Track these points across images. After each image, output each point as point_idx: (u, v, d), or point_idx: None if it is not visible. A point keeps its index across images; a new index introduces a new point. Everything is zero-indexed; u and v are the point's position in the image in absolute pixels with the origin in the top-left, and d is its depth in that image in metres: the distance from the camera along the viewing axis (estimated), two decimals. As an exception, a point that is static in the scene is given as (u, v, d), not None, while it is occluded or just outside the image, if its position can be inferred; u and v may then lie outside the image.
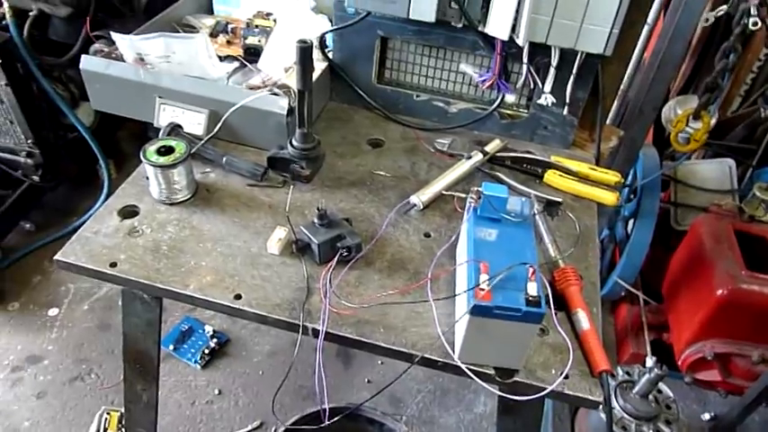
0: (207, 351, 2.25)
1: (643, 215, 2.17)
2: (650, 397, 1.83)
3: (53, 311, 2.40)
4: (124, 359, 1.29)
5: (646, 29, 1.90)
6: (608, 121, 2.01)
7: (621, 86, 2.00)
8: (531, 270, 0.86)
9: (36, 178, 2.52)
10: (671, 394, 1.90)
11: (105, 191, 2.60)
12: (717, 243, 1.99)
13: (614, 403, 1.83)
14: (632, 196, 2.29)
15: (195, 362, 2.23)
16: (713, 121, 2.21)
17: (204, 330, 2.33)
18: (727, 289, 1.84)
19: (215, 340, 2.29)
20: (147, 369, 1.30)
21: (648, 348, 2.25)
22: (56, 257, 1.06)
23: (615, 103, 2.05)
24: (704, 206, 2.20)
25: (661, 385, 1.88)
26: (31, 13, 2.24)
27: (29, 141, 2.40)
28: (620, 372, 1.93)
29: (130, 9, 2.51)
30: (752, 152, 2.38)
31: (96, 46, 2.23)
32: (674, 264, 2.23)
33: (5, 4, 2.15)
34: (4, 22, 2.18)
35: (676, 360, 2.08)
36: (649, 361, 2.08)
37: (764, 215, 2.06)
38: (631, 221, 2.29)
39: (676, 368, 2.08)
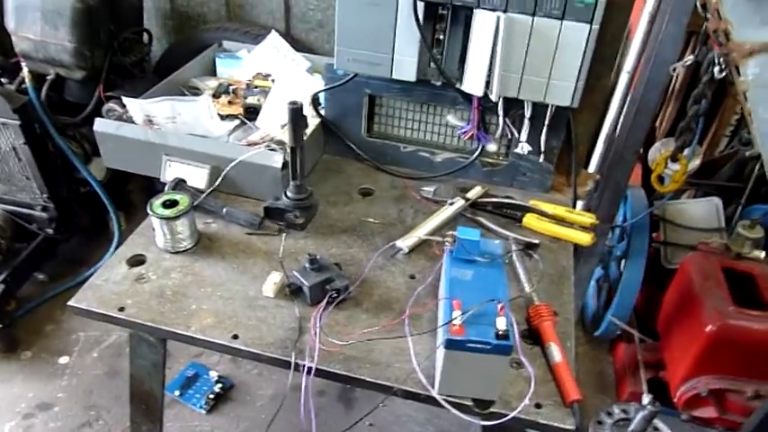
0: (212, 396, 2.29)
1: (633, 254, 2.23)
2: (646, 434, 1.85)
3: (64, 359, 2.46)
4: (131, 400, 1.36)
5: (626, 77, 2.02)
6: (592, 166, 2.11)
7: (607, 132, 2.11)
8: (500, 306, 0.94)
9: (50, 231, 2.62)
10: (668, 431, 1.92)
11: (116, 241, 2.71)
12: (705, 280, 2.04)
13: (611, 442, 1.85)
14: (624, 237, 2.36)
15: (200, 407, 2.27)
16: (696, 163, 2.31)
17: (209, 376, 2.37)
18: (717, 325, 1.88)
19: (219, 385, 2.33)
20: (151, 409, 1.37)
21: (645, 386, 2.27)
22: (69, 303, 1.15)
23: (601, 147, 2.15)
24: (693, 245, 2.26)
25: (657, 423, 1.90)
26: (48, 77, 2.38)
27: (44, 196, 2.52)
28: (617, 410, 1.96)
29: (141, 71, 2.66)
30: (740, 190, 2.46)
31: (109, 105, 2.39)
32: (666, 302, 2.27)
33: (25, 69, 2.31)
34: (23, 86, 2.33)
35: (672, 397, 2.10)
36: (645, 398, 2.10)
37: (750, 252, 2.11)
38: (624, 261, 2.36)
39: (674, 406, 2.10)
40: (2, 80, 2.34)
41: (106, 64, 2.40)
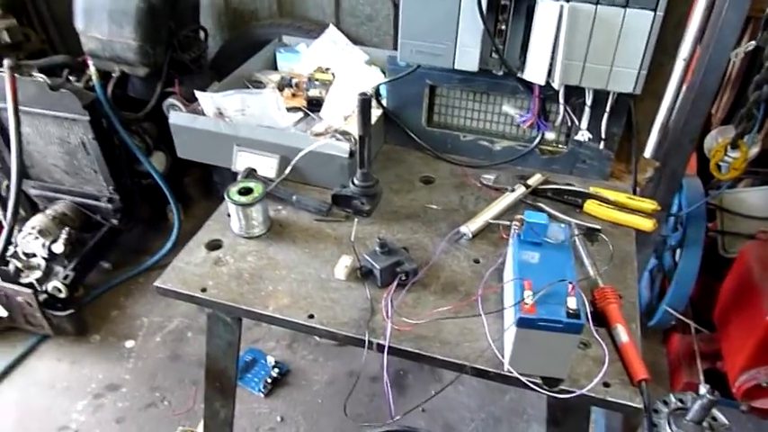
0: (269, 380, 2.38)
1: (689, 244, 2.21)
2: (704, 423, 1.83)
3: (129, 343, 2.59)
4: (206, 378, 1.44)
5: (682, 64, 2.00)
6: (649, 153, 2.09)
7: (662, 119, 2.09)
8: (570, 286, 0.97)
9: (115, 221, 2.75)
10: (726, 421, 1.89)
11: (176, 231, 2.83)
12: (765, 269, 2.01)
13: (667, 430, 1.85)
14: (679, 226, 2.34)
15: (259, 390, 2.35)
16: (754, 150, 2.26)
17: (266, 361, 2.46)
18: (778, 314, 1.86)
19: (276, 370, 2.42)
20: (225, 387, 1.44)
21: (701, 377, 2.25)
22: (155, 284, 1.23)
23: (656, 135, 2.13)
24: (751, 233, 2.23)
25: (715, 412, 1.89)
26: (113, 75, 2.50)
27: (110, 188, 2.65)
28: (673, 399, 1.95)
29: (198, 67, 2.76)
30: (801, 180, 2.40)
31: (169, 101, 2.50)
32: (723, 291, 2.24)
33: (92, 68, 2.42)
34: (90, 83, 2.45)
35: (731, 388, 2.08)
36: (702, 388, 2.08)
37: (813, 241, 2.07)
38: (679, 251, 2.34)
39: (732, 397, 2.08)
40: (70, 78, 2.46)
41: (167, 60, 2.51)
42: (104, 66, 2.48)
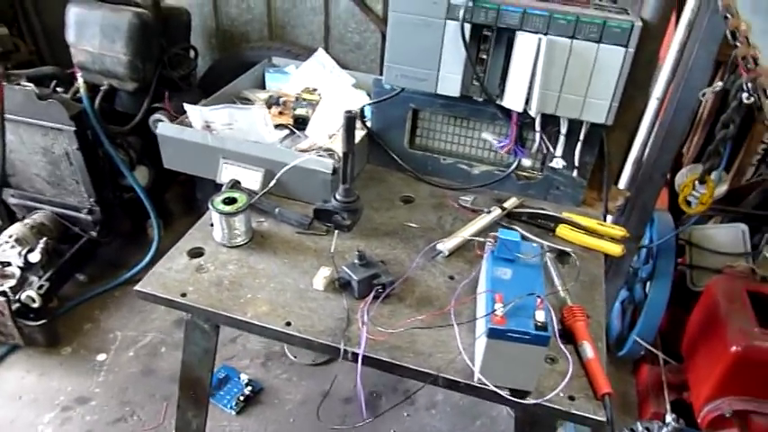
0: (242, 398, 2.36)
1: (659, 276, 2.28)
2: (669, 451, 1.88)
3: (101, 356, 2.56)
4: (180, 386, 1.45)
5: (656, 103, 2.09)
6: (623, 185, 2.18)
7: (636, 154, 2.18)
8: (539, 300, 1.01)
9: (94, 234, 2.74)
10: (691, 449, 1.95)
11: (155, 246, 2.82)
12: (730, 303, 2.07)
13: (635, 459, 1.88)
14: (650, 259, 2.41)
15: (231, 408, 2.33)
16: (723, 189, 2.36)
17: (240, 378, 2.44)
18: (741, 346, 1.91)
19: (249, 388, 2.40)
20: (198, 396, 1.45)
21: (668, 407, 2.30)
22: (135, 288, 1.25)
23: (630, 168, 2.22)
24: (718, 268, 2.31)
25: (681, 440, 1.94)
26: (102, 88, 2.53)
27: (91, 200, 2.64)
28: (640, 428, 2.00)
29: (187, 84, 2.81)
30: (766, 218, 2.50)
31: (156, 116, 2.53)
32: (691, 324, 2.30)
33: (80, 80, 2.45)
34: (77, 95, 2.47)
35: (696, 418, 2.12)
36: (668, 417, 2.13)
37: (776, 276, 2.15)
38: (649, 283, 2.40)
39: (697, 427, 2.12)
40: (57, 89, 2.48)
41: (156, 77, 2.55)
42: (93, 78, 2.51)
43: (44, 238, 2.53)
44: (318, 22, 2.83)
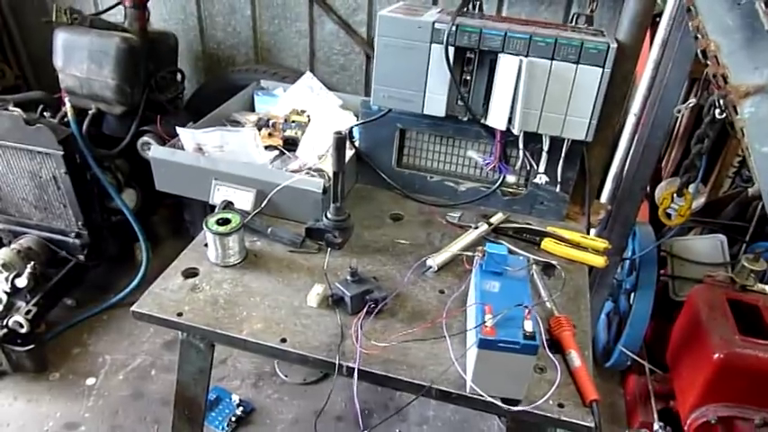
0: (233, 419, 2.35)
1: (642, 287, 2.33)
2: (658, 459, 1.91)
3: (90, 381, 2.54)
4: (175, 406, 1.46)
5: (633, 119, 2.17)
6: (604, 199, 2.24)
7: (616, 169, 2.24)
8: (527, 311, 1.05)
9: (82, 258, 2.73)
10: (678, 458, 1.98)
11: (143, 269, 2.81)
12: (712, 311, 2.12)
13: (624, 467, 1.91)
14: (633, 271, 2.47)
15: (223, 429, 2.33)
16: (701, 201, 2.43)
17: (231, 399, 2.44)
18: (723, 353, 1.95)
19: (241, 408, 2.39)
20: (194, 416, 1.46)
21: (656, 416, 2.34)
22: (132, 309, 1.27)
23: (611, 183, 2.28)
24: (699, 278, 2.36)
25: (669, 450, 1.97)
26: (90, 112, 2.54)
27: (79, 223, 2.64)
28: (629, 436, 2.03)
29: (174, 107, 2.83)
30: (744, 229, 2.57)
31: (144, 139, 2.55)
32: (674, 333, 2.35)
33: (68, 104, 2.47)
34: (65, 119, 2.49)
35: (683, 426, 2.16)
36: (656, 425, 2.17)
37: (754, 284, 2.21)
38: (633, 294, 2.45)
39: (684, 435, 2.15)
40: (45, 114, 2.50)
41: (143, 100, 2.57)
42: (81, 103, 2.52)
43: (31, 263, 2.52)
44: (304, 45, 2.88)
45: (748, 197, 2.58)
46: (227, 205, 1.48)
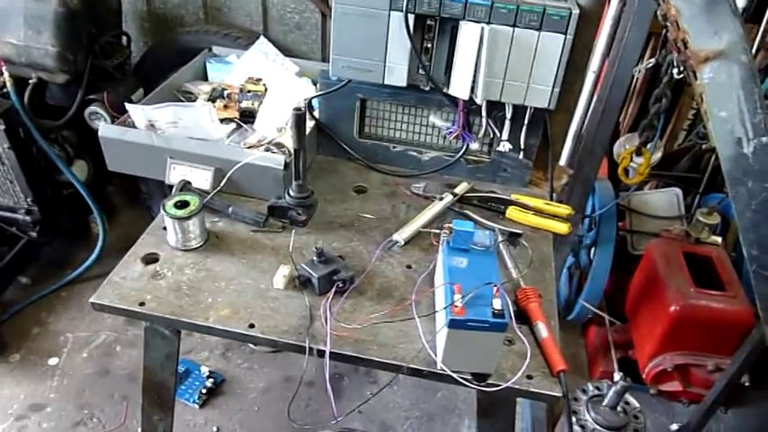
0: (204, 391, 2.35)
1: (602, 242, 2.39)
2: (619, 408, 2.00)
3: (53, 360, 2.49)
4: (143, 391, 1.44)
5: (592, 76, 2.16)
6: (564, 161, 2.25)
7: (575, 129, 2.25)
8: (495, 289, 1.06)
9: (34, 234, 2.64)
10: (637, 405, 2.07)
11: (101, 242, 2.73)
12: (668, 265, 2.20)
13: (586, 416, 1.99)
14: (593, 226, 2.52)
15: (193, 401, 2.33)
16: (657, 156, 2.47)
17: (200, 371, 2.43)
18: (679, 305, 2.04)
19: (211, 380, 2.39)
20: (163, 400, 1.44)
21: (616, 365, 2.44)
22: (91, 300, 1.22)
23: (570, 144, 2.30)
24: (656, 232, 2.43)
25: (628, 397, 2.06)
26: (30, 81, 2.40)
27: (28, 199, 2.53)
28: (591, 387, 2.11)
29: (122, 74, 2.69)
30: (698, 181, 2.64)
31: (91, 108, 2.43)
32: (633, 286, 2.43)
33: (6, 74, 2.32)
34: (4, 90, 2.35)
35: (641, 374, 2.26)
36: (616, 375, 2.26)
37: (708, 237, 2.29)
38: (593, 249, 2.51)
39: (642, 382, 2.26)
40: (-20, 86, 2.35)
41: (88, 67, 2.43)
42: (20, 72, 2.37)
43: (-20, 243, 2.42)
44: (256, 3, 2.75)
45: (702, 150, 2.63)
46: (185, 186, 1.42)
